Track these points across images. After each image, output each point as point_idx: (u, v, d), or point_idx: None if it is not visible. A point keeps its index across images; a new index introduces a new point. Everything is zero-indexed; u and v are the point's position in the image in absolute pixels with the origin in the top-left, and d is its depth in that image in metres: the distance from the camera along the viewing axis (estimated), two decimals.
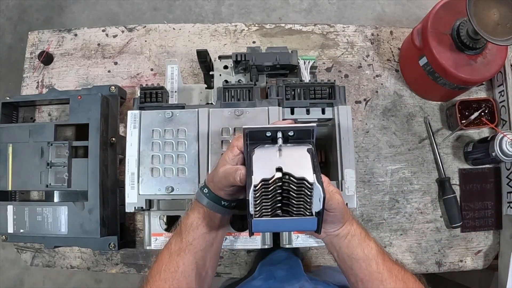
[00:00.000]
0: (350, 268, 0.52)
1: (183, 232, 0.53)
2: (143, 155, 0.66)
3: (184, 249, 0.52)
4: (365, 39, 0.93)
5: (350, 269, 0.52)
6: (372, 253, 0.51)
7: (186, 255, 0.52)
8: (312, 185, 0.42)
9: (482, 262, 0.86)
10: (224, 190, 0.51)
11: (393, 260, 0.53)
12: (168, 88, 0.77)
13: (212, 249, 0.54)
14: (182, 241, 0.53)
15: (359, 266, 0.51)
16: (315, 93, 0.69)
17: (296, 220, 0.44)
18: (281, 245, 0.70)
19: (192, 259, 0.52)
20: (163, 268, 0.52)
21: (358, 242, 0.52)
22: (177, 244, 0.53)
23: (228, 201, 0.53)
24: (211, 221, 0.53)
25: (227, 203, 0.53)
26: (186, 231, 0.53)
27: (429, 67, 0.79)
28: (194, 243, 0.52)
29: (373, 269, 0.51)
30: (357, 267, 0.51)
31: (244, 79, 0.77)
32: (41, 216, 0.76)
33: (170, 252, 0.53)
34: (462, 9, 0.67)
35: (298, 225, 0.45)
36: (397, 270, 0.52)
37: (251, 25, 0.94)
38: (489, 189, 0.87)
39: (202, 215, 0.53)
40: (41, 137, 0.78)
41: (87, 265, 0.85)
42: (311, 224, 0.44)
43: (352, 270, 0.52)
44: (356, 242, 0.51)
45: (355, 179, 0.64)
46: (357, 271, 0.52)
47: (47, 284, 1.71)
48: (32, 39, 0.94)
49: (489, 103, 0.86)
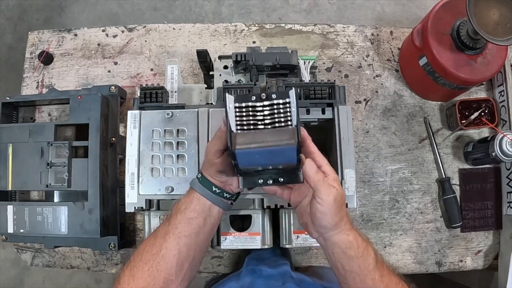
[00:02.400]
0: (344, 277, 0.50)
1: (172, 216, 0.53)
2: (143, 155, 0.66)
3: (169, 232, 0.52)
4: (365, 39, 0.93)
5: (344, 279, 0.51)
6: (369, 269, 0.49)
7: (170, 238, 0.51)
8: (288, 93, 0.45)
9: (482, 262, 0.86)
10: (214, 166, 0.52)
11: (391, 272, 0.51)
12: (168, 88, 0.77)
13: (198, 239, 0.53)
14: (169, 224, 0.52)
15: (353, 279, 0.49)
16: (315, 93, 0.69)
17: (276, 132, 0.45)
18: (281, 245, 0.70)
19: (175, 244, 0.51)
20: (146, 249, 0.52)
21: (354, 255, 0.49)
22: (164, 227, 0.53)
23: (220, 189, 0.53)
24: (198, 206, 0.53)
25: (219, 190, 0.53)
26: (174, 214, 0.53)
27: (429, 67, 0.79)
28: (179, 227, 0.52)
29: (368, 285, 0.49)
30: (351, 279, 0.50)
31: (244, 79, 0.77)
32: (41, 216, 0.76)
33: (156, 235, 0.53)
34: (462, 9, 0.67)
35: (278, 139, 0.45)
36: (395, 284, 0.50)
37: (251, 25, 0.94)
38: (489, 189, 0.87)
39: (190, 198, 0.53)
40: (41, 137, 0.78)
41: (87, 265, 0.85)
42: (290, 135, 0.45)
43: (345, 281, 0.50)
44: (352, 254, 0.49)
45: (355, 179, 0.64)
46: (350, 284, 0.50)
47: (47, 284, 1.71)
48: (32, 39, 0.94)
49: (489, 103, 0.86)
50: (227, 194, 0.54)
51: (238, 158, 0.45)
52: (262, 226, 0.68)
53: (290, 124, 0.45)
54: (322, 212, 0.48)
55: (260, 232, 0.68)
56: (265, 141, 0.44)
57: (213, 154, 0.51)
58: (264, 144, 0.44)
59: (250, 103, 0.46)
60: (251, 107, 0.46)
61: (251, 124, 0.46)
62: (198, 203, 0.53)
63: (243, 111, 0.46)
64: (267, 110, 0.46)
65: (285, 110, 0.46)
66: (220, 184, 0.53)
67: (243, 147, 0.44)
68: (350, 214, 0.85)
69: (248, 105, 0.46)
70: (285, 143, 0.44)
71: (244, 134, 0.45)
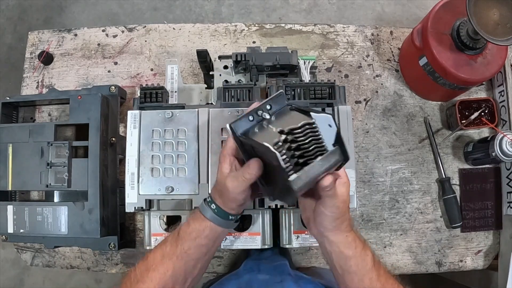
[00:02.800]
0: (342, 277, 0.51)
1: (180, 239, 0.53)
2: (143, 155, 0.66)
3: (178, 255, 0.52)
4: (365, 39, 0.93)
5: (342, 278, 0.52)
6: (367, 268, 0.50)
7: (178, 262, 0.52)
8: (314, 120, 0.44)
9: (482, 262, 0.86)
10: (236, 202, 0.51)
11: (388, 274, 0.52)
12: (168, 88, 0.77)
13: (205, 257, 0.55)
14: (177, 247, 0.53)
15: (351, 279, 0.50)
16: (315, 93, 0.69)
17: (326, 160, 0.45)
18: (281, 245, 0.70)
19: (182, 265, 0.52)
20: (153, 268, 0.52)
21: (352, 255, 0.50)
22: (172, 248, 0.53)
23: (234, 215, 0.54)
24: (211, 233, 0.53)
25: (233, 217, 0.54)
26: (184, 238, 0.53)
27: (429, 67, 0.79)
28: (188, 252, 0.52)
29: (365, 285, 0.50)
30: (349, 279, 0.51)
31: (244, 79, 0.77)
32: (41, 216, 0.76)
33: (163, 254, 0.53)
34: (462, 9, 0.67)
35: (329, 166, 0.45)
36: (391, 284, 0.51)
37: (251, 25, 0.94)
38: (489, 189, 0.87)
39: (203, 227, 0.53)
40: (41, 137, 0.78)
41: (87, 265, 0.85)
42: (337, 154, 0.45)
43: (343, 280, 0.51)
44: (350, 254, 0.50)
45: (355, 179, 0.64)
46: (348, 283, 0.51)
47: (47, 284, 1.71)
48: (32, 39, 0.94)
49: (489, 103, 0.86)
50: (239, 215, 0.55)
51: (296, 194, 0.45)
52: (262, 226, 0.68)
53: (324, 146, 0.45)
54: (325, 215, 0.49)
55: (260, 232, 0.68)
56: (319, 173, 0.45)
57: (238, 194, 0.50)
58: (319, 176, 0.45)
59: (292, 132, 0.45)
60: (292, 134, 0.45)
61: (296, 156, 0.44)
62: (211, 231, 0.53)
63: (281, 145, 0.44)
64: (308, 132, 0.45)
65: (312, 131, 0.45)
66: (238, 209, 0.54)
67: (302, 186, 0.44)
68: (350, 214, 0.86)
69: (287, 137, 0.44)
70: (334, 164, 0.46)
71: (299, 177, 0.44)
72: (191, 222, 0.54)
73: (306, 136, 0.44)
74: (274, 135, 0.45)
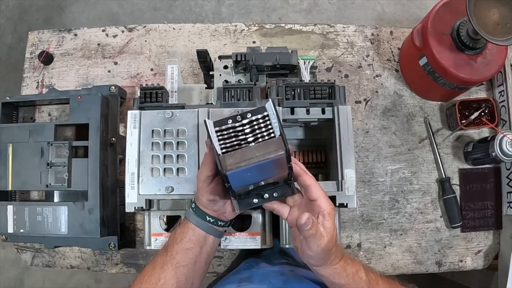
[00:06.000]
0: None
1: (169, 245, 0.54)
2: (143, 155, 0.66)
3: (167, 262, 0.53)
4: (365, 39, 0.93)
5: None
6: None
7: (168, 269, 0.52)
8: (265, 107, 0.46)
9: (482, 262, 0.86)
10: (204, 195, 0.52)
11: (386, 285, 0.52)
12: (168, 88, 0.77)
13: (196, 267, 0.54)
14: (166, 254, 0.53)
15: None
16: (315, 93, 0.69)
17: (262, 146, 0.45)
18: (281, 245, 0.70)
19: (173, 273, 0.52)
20: (145, 279, 0.52)
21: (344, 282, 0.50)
22: (162, 258, 0.53)
23: (214, 218, 0.54)
24: (193, 236, 0.54)
25: (213, 220, 0.54)
26: (171, 244, 0.54)
27: (429, 67, 0.79)
28: (176, 257, 0.53)
29: None
30: None
31: (244, 79, 0.77)
32: (41, 216, 0.76)
33: (154, 265, 0.53)
34: (462, 9, 0.67)
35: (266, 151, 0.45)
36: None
37: (251, 25, 0.94)
38: (489, 189, 0.87)
39: (186, 229, 0.54)
40: (41, 137, 0.78)
41: (87, 265, 0.85)
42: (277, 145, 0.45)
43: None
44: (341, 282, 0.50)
45: (355, 179, 0.64)
46: None
47: (47, 284, 1.71)
48: (32, 39, 0.94)
49: (489, 103, 0.86)
50: (221, 222, 0.55)
51: (231, 179, 0.45)
52: (262, 226, 0.68)
53: (274, 136, 0.46)
54: (308, 255, 0.49)
55: (260, 232, 0.68)
56: (254, 156, 0.44)
57: (203, 181, 0.52)
58: (254, 160, 0.44)
59: (230, 125, 0.46)
60: (231, 128, 0.46)
61: (235, 144, 0.46)
62: (193, 233, 0.54)
63: (225, 134, 0.46)
64: (248, 128, 0.46)
65: (265, 123, 0.46)
66: (213, 213, 0.54)
67: (234, 167, 0.44)
68: (350, 214, 0.86)
69: (228, 127, 0.46)
70: (274, 153, 0.44)
71: (231, 155, 0.45)
72: (177, 228, 0.55)
73: (250, 125, 0.46)
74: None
